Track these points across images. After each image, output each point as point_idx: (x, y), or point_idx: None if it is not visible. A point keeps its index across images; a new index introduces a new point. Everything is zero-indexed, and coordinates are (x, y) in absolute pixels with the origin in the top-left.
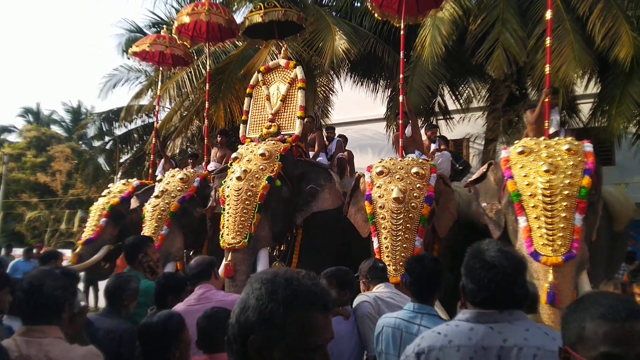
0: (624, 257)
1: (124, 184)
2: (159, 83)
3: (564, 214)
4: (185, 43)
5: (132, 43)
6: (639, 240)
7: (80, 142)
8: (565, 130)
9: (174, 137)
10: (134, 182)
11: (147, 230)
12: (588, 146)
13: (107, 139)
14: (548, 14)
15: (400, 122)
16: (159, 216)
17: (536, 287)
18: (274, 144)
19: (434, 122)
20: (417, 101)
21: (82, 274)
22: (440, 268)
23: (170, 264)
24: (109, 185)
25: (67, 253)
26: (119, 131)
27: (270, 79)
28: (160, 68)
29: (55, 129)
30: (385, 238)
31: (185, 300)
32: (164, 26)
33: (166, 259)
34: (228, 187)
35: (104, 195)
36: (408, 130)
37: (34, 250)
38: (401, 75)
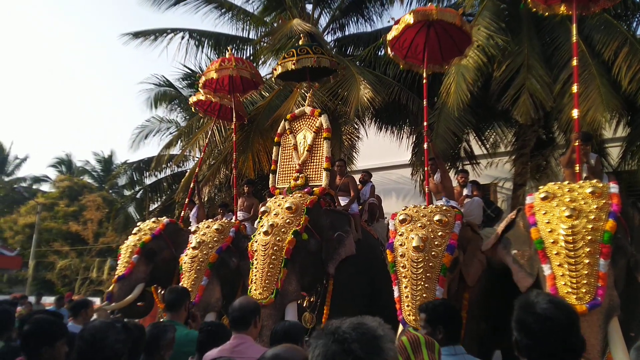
0: None
1: (153, 221)
2: (209, 132)
3: (587, 260)
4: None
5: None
6: None
7: (110, 192)
8: (608, 175)
9: (202, 185)
10: (164, 219)
11: (186, 281)
12: (614, 187)
13: (137, 188)
14: (574, 61)
15: (426, 169)
16: (198, 267)
17: None
18: (300, 196)
19: (461, 167)
20: (443, 147)
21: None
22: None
23: (210, 314)
24: (137, 224)
25: (97, 301)
26: (148, 180)
27: (296, 126)
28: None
29: (86, 178)
30: (406, 287)
31: (220, 347)
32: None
33: (205, 309)
34: (256, 241)
35: (134, 234)
36: (437, 177)
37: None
38: (425, 123)
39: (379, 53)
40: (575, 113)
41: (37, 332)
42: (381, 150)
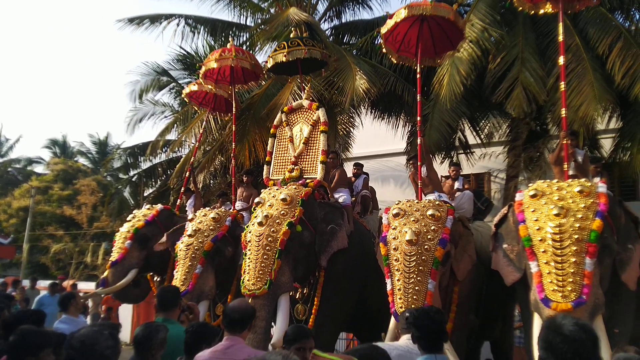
0: None
1: (148, 208)
2: (204, 122)
3: (573, 259)
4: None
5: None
6: None
7: (106, 175)
8: (601, 173)
9: (198, 172)
10: (158, 206)
11: (180, 269)
12: (602, 187)
13: (132, 172)
14: (561, 60)
15: (419, 164)
16: (193, 255)
17: None
18: (295, 188)
19: (455, 158)
20: (438, 138)
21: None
22: (445, 318)
23: (203, 302)
24: (132, 210)
25: (91, 285)
26: (144, 165)
27: (293, 119)
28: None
29: (81, 160)
30: (398, 280)
31: (212, 349)
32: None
33: (199, 297)
34: (250, 232)
35: (129, 220)
36: (423, 171)
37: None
38: (419, 118)
39: (376, 42)
40: (563, 111)
41: (21, 344)
42: (378, 137)
